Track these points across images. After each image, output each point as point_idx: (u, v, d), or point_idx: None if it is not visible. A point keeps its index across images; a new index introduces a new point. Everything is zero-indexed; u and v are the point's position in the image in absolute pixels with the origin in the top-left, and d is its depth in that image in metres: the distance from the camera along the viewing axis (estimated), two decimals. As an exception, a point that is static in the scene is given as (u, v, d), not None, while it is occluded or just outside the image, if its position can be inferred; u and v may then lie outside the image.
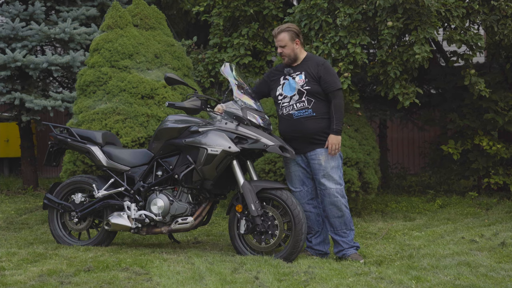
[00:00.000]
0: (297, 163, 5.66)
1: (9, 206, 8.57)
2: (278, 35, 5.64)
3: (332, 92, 5.52)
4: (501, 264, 5.16)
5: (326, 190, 5.54)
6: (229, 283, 4.67)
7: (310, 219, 5.65)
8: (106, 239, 5.99)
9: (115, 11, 7.31)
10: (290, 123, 5.59)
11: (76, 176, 6.23)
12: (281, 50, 5.64)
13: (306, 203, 5.65)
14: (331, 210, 5.56)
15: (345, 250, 5.55)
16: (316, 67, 5.56)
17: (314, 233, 5.67)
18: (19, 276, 4.89)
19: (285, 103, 5.61)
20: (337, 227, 5.58)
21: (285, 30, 5.63)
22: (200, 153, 5.54)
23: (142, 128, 6.71)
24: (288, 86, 5.62)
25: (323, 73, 5.53)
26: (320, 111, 5.53)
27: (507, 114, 8.09)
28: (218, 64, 8.30)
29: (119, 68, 7.03)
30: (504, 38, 7.18)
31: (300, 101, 5.55)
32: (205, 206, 5.74)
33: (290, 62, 5.66)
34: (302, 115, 5.54)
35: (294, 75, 5.61)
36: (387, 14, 6.91)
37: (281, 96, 5.65)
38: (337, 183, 5.54)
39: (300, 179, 5.67)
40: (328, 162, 5.53)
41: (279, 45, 5.64)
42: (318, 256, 5.62)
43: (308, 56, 5.70)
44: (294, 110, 5.56)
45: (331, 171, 5.53)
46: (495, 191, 8.67)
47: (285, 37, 5.61)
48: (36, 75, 8.89)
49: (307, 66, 5.61)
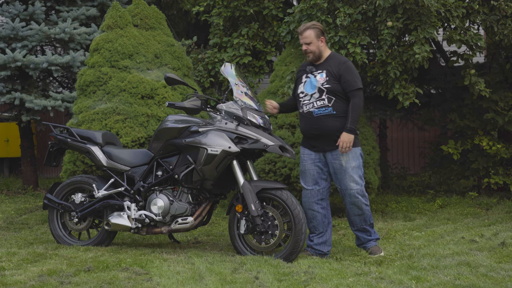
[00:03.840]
0: (314, 162, 5.65)
1: (9, 206, 8.57)
2: (304, 32, 5.63)
3: (351, 91, 5.52)
4: (501, 264, 5.16)
5: (347, 191, 5.58)
6: (229, 283, 4.67)
7: (316, 219, 5.65)
8: (106, 239, 6.00)
9: (115, 11, 7.31)
10: (310, 121, 5.59)
11: (76, 176, 6.23)
12: (306, 47, 5.63)
13: (315, 202, 5.65)
14: (351, 209, 5.64)
15: (366, 243, 5.72)
16: (338, 66, 5.57)
17: (318, 233, 5.67)
18: (19, 276, 4.89)
19: (306, 101, 5.62)
20: (357, 224, 5.71)
21: (311, 28, 5.64)
22: (200, 153, 5.54)
23: (142, 128, 6.71)
24: (309, 84, 5.62)
25: (344, 72, 5.54)
26: (340, 110, 5.53)
27: (507, 114, 8.09)
28: (218, 64, 8.30)
29: (119, 68, 7.03)
30: (504, 38, 7.18)
31: (320, 99, 5.55)
32: (205, 206, 5.74)
33: (314, 59, 5.65)
34: (322, 113, 5.54)
35: (316, 73, 5.61)
36: (387, 14, 6.91)
37: (302, 94, 5.65)
38: (357, 183, 5.58)
39: (313, 178, 5.66)
40: (349, 162, 5.55)
41: (304, 42, 5.64)
42: (317, 256, 5.62)
43: (331, 55, 5.70)
44: (314, 108, 5.56)
45: (352, 172, 5.55)
46: (495, 191, 8.67)
47: (311, 34, 5.61)
48: (36, 75, 8.89)
49: (328, 64, 5.61)
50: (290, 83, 7.26)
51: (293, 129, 7.30)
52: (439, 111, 9.27)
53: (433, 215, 7.61)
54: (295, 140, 7.13)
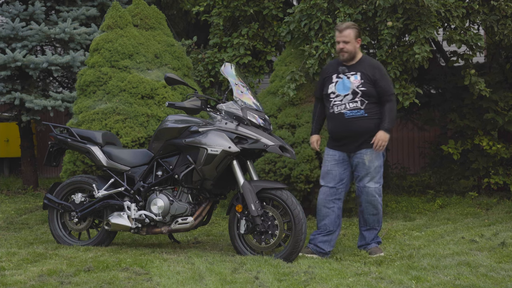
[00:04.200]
0: (337, 163, 5.66)
1: (9, 206, 8.57)
2: (344, 31, 5.61)
3: (387, 96, 5.57)
4: (501, 264, 5.16)
5: (365, 189, 5.61)
6: (229, 283, 4.67)
7: (329, 217, 5.65)
8: (106, 239, 5.99)
9: (115, 11, 7.31)
10: (340, 123, 5.59)
11: (76, 176, 6.23)
12: (343, 46, 5.61)
13: (331, 200, 5.64)
14: (367, 207, 5.66)
15: (368, 245, 5.73)
16: (372, 70, 5.58)
17: (327, 231, 5.66)
18: (19, 276, 4.89)
19: (337, 102, 5.60)
20: (370, 223, 5.73)
21: (351, 27, 5.64)
22: (200, 153, 5.54)
23: (142, 128, 6.71)
24: (342, 84, 5.61)
25: (379, 78, 5.57)
26: (372, 112, 5.55)
27: (507, 114, 8.09)
28: (218, 64, 8.30)
29: (119, 68, 7.03)
30: (504, 38, 7.18)
31: (353, 101, 5.55)
32: (205, 206, 5.74)
33: (348, 59, 5.64)
34: (354, 115, 5.54)
35: (349, 75, 5.61)
36: (387, 14, 6.91)
37: (334, 95, 5.64)
38: (376, 182, 5.62)
39: (334, 178, 5.66)
40: (372, 162, 5.58)
41: (342, 40, 5.61)
42: (317, 254, 5.62)
43: (364, 57, 5.72)
44: (346, 110, 5.56)
45: (374, 171, 5.59)
46: (495, 191, 8.67)
47: (351, 34, 5.61)
48: (36, 75, 8.88)
49: (362, 67, 5.61)
50: (290, 83, 7.26)
51: (293, 129, 7.30)
52: (439, 111, 9.26)
53: (433, 215, 7.61)
54: (295, 140, 7.13)
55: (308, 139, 7.07)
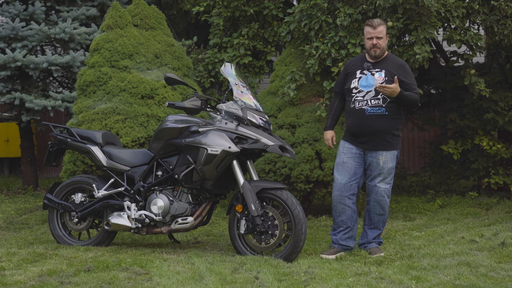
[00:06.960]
0: (354, 156, 5.65)
1: (9, 206, 8.57)
2: (378, 27, 5.60)
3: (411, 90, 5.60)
4: (501, 264, 5.16)
5: (375, 188, 5.64)
6: (229, 283, 4.67)
7: (346, 213, 5.64)
8: (106, 239, 6.00)
9: (115, 11, 7.31)
10: (360, 119, 5.57)
11: (76, 176, 6.23)
12: (376, 42, 5.59)
13: (347, 197, 5.63)
14: (374, 207, 5.69)
15: (369, 243, 5.73)
16: (398, 68, 5.59)
17: (345, 228, 5.66)
18: (19, 276, 4.89)
19: (359, 97, 5.59)
20: (375, 222, 5.75)
21: (383, 24, 5.65)
22: (200, 153, 5.54)
23: (142, 128, 6.71)
24: (365, 80, 5.61)
25: (405, 77, 5.57)
26: (392, 111, 5.55)
27: (507, 114, 8.09)
28: (218, 64, 8.30)
29: (119, 68, 7.04)
30: (504, 38, 7.18)
31: (375, 98, 5.54)
32: (205, 206, 5.74)
33: (378, 55, 5.63)
34: (375, 112, 5.53)
35: (374, 71, 5.60)
36: (387, 14, 6.91)
37: (356, 90, 5.62)
38: (387, 183, 5.65)
39: (349, 173, 5.64)
40: (386, 163, 5.59)
41: (376, 36, 5.59)
42: (344, 251, 5.65)
43: (389, 55, 5.72)
44: (367, 106, 5.55)
45: (386, 172, 5.61)
46: (495, 191, 8.66)
47: (384, 30, 5.62)
48: (36, 75, 8.89)
49: (388, 65, 5.61)
50: (290, 83, 7.26)
51: (293, 129, 7.30)
52: (439, 111, 9.26)
53: (433, 215, 7.61)
54: (295, 140, 7.13)
55: (308, 139, 7.07)
